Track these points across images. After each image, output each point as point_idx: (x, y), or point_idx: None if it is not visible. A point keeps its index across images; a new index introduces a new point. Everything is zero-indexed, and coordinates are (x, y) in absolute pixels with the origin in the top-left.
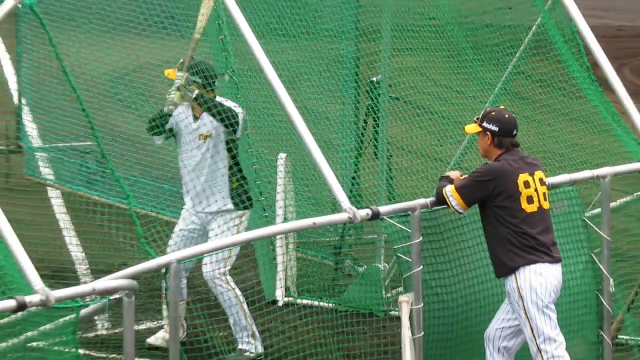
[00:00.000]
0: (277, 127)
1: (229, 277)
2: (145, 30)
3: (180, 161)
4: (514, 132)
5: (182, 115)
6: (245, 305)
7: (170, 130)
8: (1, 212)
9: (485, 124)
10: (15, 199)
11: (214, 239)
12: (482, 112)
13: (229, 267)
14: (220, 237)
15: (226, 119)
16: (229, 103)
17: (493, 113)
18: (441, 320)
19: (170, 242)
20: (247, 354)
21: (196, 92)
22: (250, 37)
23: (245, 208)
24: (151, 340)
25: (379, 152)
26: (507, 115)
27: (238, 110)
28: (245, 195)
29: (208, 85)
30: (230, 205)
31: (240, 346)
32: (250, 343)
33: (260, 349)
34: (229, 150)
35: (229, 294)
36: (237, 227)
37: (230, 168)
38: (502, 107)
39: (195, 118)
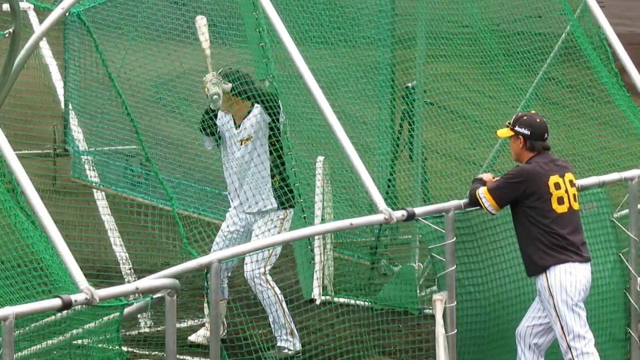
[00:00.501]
0: (315, 131)
1: (269, 277)
2: (189, 38)
3: (223, 164)
4: (545, 136)
5: (224, 120)
6: (284, 304)
7: (219, 136)
8: (48, 214)
9: (517, 128)
10: (62, 201)
11: (255, 239)
12: (514, 117)
13: (269, 267)
14: (262, 237)
15: (267, 103)
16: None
17: (525, 117)
18: (474, 318)
19: (215, 242)
20: (286, 351)
21: (230, 85)
22: (290, 44)
23: (286, 208)
24: (192, 338)
25: (414, 155)
26: (538, 120)
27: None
28: (285, 195)
29: (244, 93)
30: (271, 205)
31: (279, 344)
32: (288, 341)
33: (298, 347)
34: (271, 152)
35: (269, 292)
36: (279, 227)
37: (272, 169)
38: (533, 111)
39: (237, 125)
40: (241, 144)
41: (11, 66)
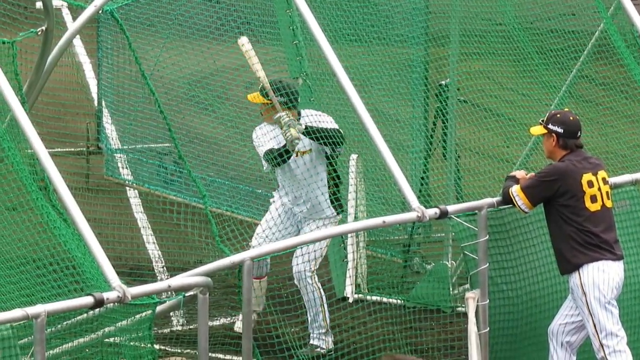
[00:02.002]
0: (349, 128)
1: (316, 277)
2: (222, 36)
3: (279, 169)
4: (578, 134)
5: (276, 132)
6: (326, 306)
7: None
8: (80, 212)
9: (550, 126)
10: (95, 198)
11: None
12: (547, 115)
13: (317, 267)
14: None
15: (333, 140)
16: (322, 118)
17: (558, 115)
18: (506, 316)
19: (257, 234)
20: (319, 349)
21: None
22: (324, 42)
23: (339, 213)
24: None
25: (447, 153)
26: (571, 118)
27: (334, 124)
28: (337, 201)
29: (292, 105)
30: (329, 212)
31: (312, 342)
32: (322, 340)
33: (330, 345)
34: (330, 164)
35: (315, 293)
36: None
37: (328, 179)
38: (566, 109)
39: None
40: (297, 155)
41: (44, 64)
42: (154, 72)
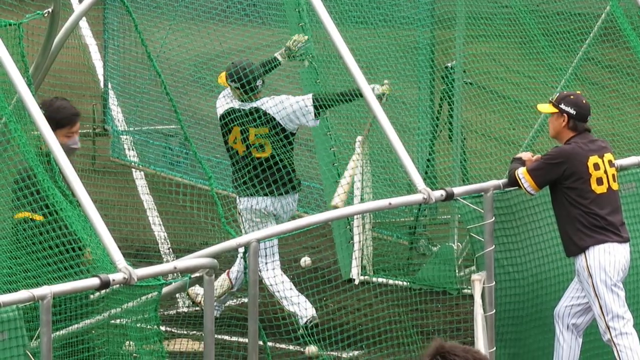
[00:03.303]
0: (355, 111)
1: (274, 271)
2: (229, 17)
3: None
4: (588, 118)
5: None
6: (288, 292)
7: None
8: (87, 193)
9: (562, 106)
10: (101, 180)
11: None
12: (559, 95)
13: (273, 261)
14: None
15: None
16: (280, 98)
17: (572, 97)
18: (513, 298)
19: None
20: (301, 321)
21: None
22: (330, 24)
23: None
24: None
25: (453, 135)
26: (584, 101)
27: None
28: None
29: (250, 90)
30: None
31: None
32: (301, 316)
33: (310, 312)
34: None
35: (274, 287)
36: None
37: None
38: (578, 92)
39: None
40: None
41: (50, 46)
42: (160, 54)
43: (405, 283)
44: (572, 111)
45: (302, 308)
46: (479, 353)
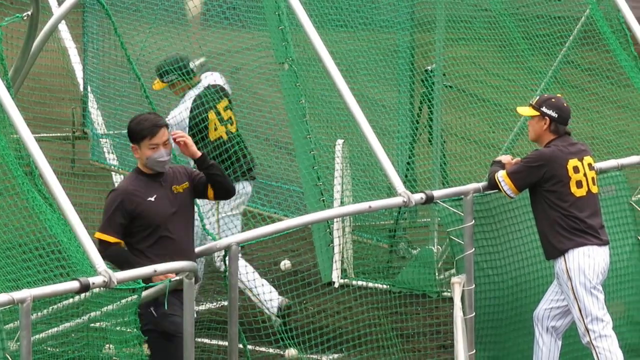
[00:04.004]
0: (334, 114)
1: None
2: (208, 21)
3: None
4: (569, 121)
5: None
6: (252, 281)
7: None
8: (66, 197)
9: (544, 109)
10: (81, 183)
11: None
12: (540, 98)
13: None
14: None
15: None
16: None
17: (553, 100)
18: (492, 301)
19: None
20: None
21: None
22: (309, 27)
23: None
24: None
25: (433, 139)
26: (565, 104)
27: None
28: None
29: (187, 74)
30: None
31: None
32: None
33: (276, 302)
34: None
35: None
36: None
37: None
38: (559, 95)
39: None
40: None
41: (29, 49)
42: (139, 57)
43: (385, 286)
44: (553, 114)
45: (268, 299)
46: None
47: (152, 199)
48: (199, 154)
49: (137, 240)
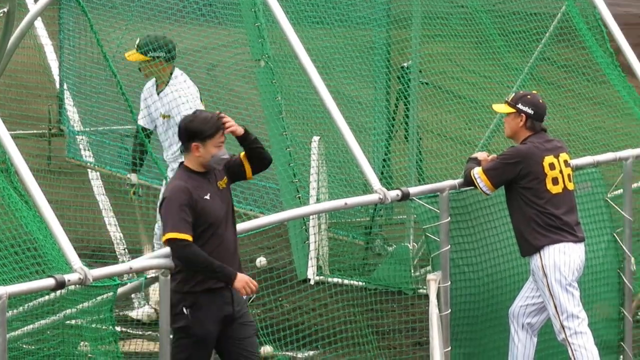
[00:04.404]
0: (311, 111)
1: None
2: (184, 17)
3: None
4: (544, 118)
5: (148, 93)
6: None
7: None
8: (42, 194)
9: (520, 106)
10: (57, 180)
11: None
12: (515, 95)
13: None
14: None
15: None
16: (181, 100)
17: (529, 96)
18: (468, 297)
19: None
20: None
21: None
22: (286, 24)
23: None
24: (133, 314)
25: (409, 135)
26: (541, 101)
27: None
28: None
29: (172, 59)
30: None
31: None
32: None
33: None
34: None
35: None
36: None
37: None
38: (534, 91)
39: (158, 92)
40: (163, 118)
41: (5, 46)
42: (116, 54)
43: (360, 283)
44: (529, 111)
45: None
46: None
47: (207, 197)
48: (242, 130)
49: None
